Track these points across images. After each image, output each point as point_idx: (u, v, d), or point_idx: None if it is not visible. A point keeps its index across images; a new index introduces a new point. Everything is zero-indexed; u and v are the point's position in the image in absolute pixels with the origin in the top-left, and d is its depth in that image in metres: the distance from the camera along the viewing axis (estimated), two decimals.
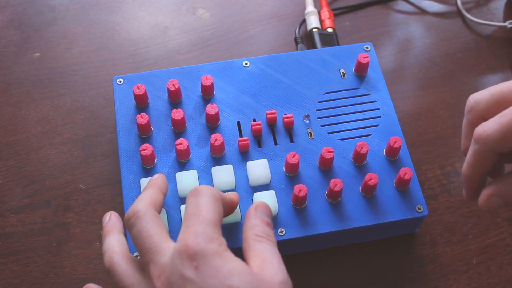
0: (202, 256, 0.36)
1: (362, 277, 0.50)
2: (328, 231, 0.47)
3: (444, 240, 0.52)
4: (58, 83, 0.60)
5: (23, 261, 0.51)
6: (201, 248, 0.36)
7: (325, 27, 0.62)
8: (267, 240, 0.40)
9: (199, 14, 0.65)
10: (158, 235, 0.38)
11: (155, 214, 0.40)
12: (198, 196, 0.39)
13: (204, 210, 0.38)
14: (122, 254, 0.41)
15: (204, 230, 0.37)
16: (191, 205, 0.39)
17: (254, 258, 0.38)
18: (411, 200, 0.49)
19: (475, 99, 0.40)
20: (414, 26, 0.65)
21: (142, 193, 0.43)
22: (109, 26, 0.64)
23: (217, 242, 0.37)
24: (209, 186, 0.41)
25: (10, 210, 0.53)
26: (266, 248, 0.39)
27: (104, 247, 0.42)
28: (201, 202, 0.39)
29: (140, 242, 0.39)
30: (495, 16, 0.65)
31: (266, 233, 0.40)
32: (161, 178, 0.45)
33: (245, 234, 0.40)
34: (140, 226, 0.39)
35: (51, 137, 0.57)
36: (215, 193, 0.40)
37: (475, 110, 0.40)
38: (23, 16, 0.65)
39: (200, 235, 0.37)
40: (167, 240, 0.38)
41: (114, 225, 0.44)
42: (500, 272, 0.50)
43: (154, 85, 0.54)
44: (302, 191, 0.47)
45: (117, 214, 0.45)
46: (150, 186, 0.43)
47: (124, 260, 0.40)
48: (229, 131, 0.52)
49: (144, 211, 0.40)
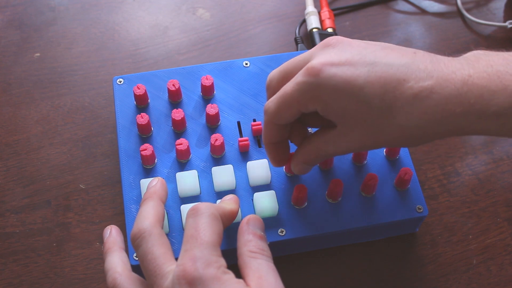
0: (200, 281, 0.36)
1: (362, 277, 0.50)
2: (328, 231, 0.47)
3: (444, 240, 0.52)
4: (58, 83, 0.60)
5: (23, 261, 0.51)
6: (199, 274, 0.36)
7: (325, 27, 0.62)
8: (261, 255, 0.40)
9: (199, 14, 0.65)
10: (162, 257, 0.39)
11: (160, 233, 0.40)
12: (197, 216, 0.40)
13: (202, 232, 0.38)
14: (126, 275, 0.41)
15: (202, 254, 0.37)
16: (189, 226, 0.39)
17: (251, 276, 0.38)
18: (411, 200, 0.49)
19: (270, 77, 0.44)
20: (414, 26, 0.65)
21: (144, 205, 0.42)
22: (109, 26, 0.64)
23: (215, 265, 0.37)
24: (208, 204, 0.41)
25: (10, 210, 0.53)
26: (261, 264, 0.39)
27: (106, 266, 0.42)
28: (200, 223, 0.39)
29: (145, 264, 0.39)
30: (495, 16, 0.65)
31: (260, 248, 0.40)
32: (159, 185, 0.45)
33: (240, 251, 0.40)
34: (145, 247, 0.39)
35: (51, 137, 0.57)
36: (214, 212, 0.40)
37: (270, 87, 0.44)
38: (23, 16, 0.65)
39: (198, 260, 0.37)
40: (171, 263, 0.38)
41: (114, 241, 0.44)
42: (500, 272, 0.50)
43: (154, 85, 0.54)
44: (302, 191, 0.47)
45: (117, 228, 0.45)
46: (150, 198, 0.43)
47: (128, 281, 0.40)
48: (229, 131, 0.52)
49: (149, 231, 0.40)
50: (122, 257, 0.43)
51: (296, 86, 0.40)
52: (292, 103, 0.41)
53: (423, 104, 0.36)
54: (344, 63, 0.39)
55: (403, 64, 0.37)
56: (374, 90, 0.37)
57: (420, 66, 0.37)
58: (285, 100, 0.41)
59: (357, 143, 0.40)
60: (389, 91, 0.37)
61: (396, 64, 0.38)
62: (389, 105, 0.37)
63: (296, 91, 0.40)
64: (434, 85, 0.36)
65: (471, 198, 0.54)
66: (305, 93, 0.40)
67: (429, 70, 0.37)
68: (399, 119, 0.37)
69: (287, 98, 0.41)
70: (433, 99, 0.36)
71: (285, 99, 0.41)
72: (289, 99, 0.41)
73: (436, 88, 0.36)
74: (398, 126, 0.38)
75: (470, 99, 0.35)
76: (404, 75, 0.37)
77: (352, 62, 0.39)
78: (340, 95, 0.38)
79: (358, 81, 0.38)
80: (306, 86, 0.39)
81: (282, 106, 0.41)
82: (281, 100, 0.41)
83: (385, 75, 0.37)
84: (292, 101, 0.41)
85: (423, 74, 0.37)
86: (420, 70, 0.37)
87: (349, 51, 0.40)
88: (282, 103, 0.41)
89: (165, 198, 0.44)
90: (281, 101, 0.41)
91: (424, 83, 0.36)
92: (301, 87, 0.40)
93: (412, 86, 0.37)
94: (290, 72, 0.42)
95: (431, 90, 0.36)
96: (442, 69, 0.37)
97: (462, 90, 0.36)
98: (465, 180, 0.55)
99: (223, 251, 0.39)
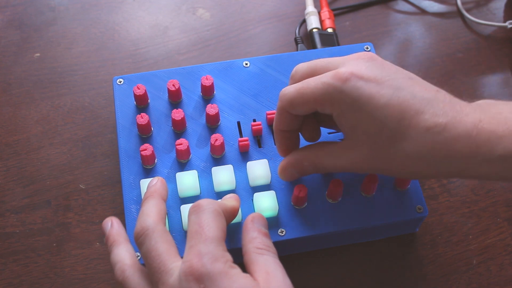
0: (208, 277, 0.36)
1: (362, 277, 0.50)
2: (328, 231, 0.47)
3: (444, 240, 0.52)
4: (58, 83, 0.60)
5: (23, 261, 0.51)
6: (207, 269, 0.36)
7: (325, 27, 0.62)
8: (268, 251, 0.40)
9: (199, 14, 0.65)
10: (166, 253, 0.39)
11: (163, 230, 0.40)
12: (199, 212, 0.40)
13: (206, 227, 0.39)
14: (134, 267, 0.41)
15: (208, 250, 0.37)
16: (192, 222, 0.39)
17: (258, 272, 0.38)
18: (411, 200, 0.49)
19: (296, 68, 0.45)
20: (414, 26, 0.65)
21: (146, 204, 0.43)
22: (109, 26, 0.64)
23: (222, 260, 0.37)
24: (210, 200, 0.41)
25: (10, 210, 0.53)
26: (268, 260, 0.39)
27: (113, 259, 0.42)
28: (203, 219, 0.39)
29: (149, 261, 0.39)
30: (495, 16, 0.65)
31: (266, 244, 0.40)
32: (160, 184, 0.45)
33: (246, 248, 0.40)
34: (149, 244, 0.39)
35: (51, 137, 0.57)
36: (217, 208, 0.40)
37: (293, 78, 0.45)
38: (23, 16, 0.65)
39: (204, 255, 0.37)
40: (175, 259, 0.38)
41: (118, 233, 0.44)
42: (500, 272, 0.50)
43: (154, 85, 0.54)
44: (302, 191, 0.47)
45: (118, 220, 0.45)
46: (151, 196, 0.43)
47: (137, 274, 0.40)
48: (229, 131, 0.52)
49: (152, 228, 0.40)
50: (129, 249, 0.42)
51: (320, 84, 0.41)
52: (309, 98, 0.41)
53: (433, 138, 0.38)
54: (373, 79, 0.40)
55: (425, 98, 0.39)
56: (393, 113, 0.39)
57: (439, 103, 0.39)
58: (304, 92, 0.42)
59: (358, 160, 0.41)
60: (406, 118, 0.39)
61: (419, 96, 0.39)
62: (402, 131, 0.39)
63: (318, 89, 0.41)
64: (447, 123, 0.38)
65: (471, 198, 0.54)
66: (326, 94, 0.41)
67: (446, 109, 0.39)
68: (407, 147, 0.39)
69: (307, 92, 0.41)
70: (443, 136, 0.38)
71: (305, 92, 0.42)
72: (308, 94, 0.41)
73: (449, 126, 0.38)
74: (405, 154, 0.39)
75: (478, 142, 0.37)
76: (423, 108, 0.39)
77: (379, 81, 0.40)
78: (359, 108, 0.40)
79: (380, 100, 0.39)
80: (330, 88, 0.40)
81: (299, 98, 0.42)
82: (300, 91, 0.42)
83: (406, 103, 0.39)
84: (310, 97, 0.41)
85: (440, 111, 0.39)
86: (439, 107, 0.39)
87: (380, 70, 0.41)
88: (300, 94, 0.42)
89: (166, 197, 0.44)
90: (300, 92, 0.42)
91: (439, 120, 0.38)
92: (324, 87, 0.41)
93: (427, 119, 0.38)
94: (317, 69, 0.43)
95: (444, 128, 0.38)
96: (457, 110, 0.39)
97: (472, 133, 0.37)
98: (465, 180, 0.55)
99: (230, 250, 0.39)
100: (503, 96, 0.60)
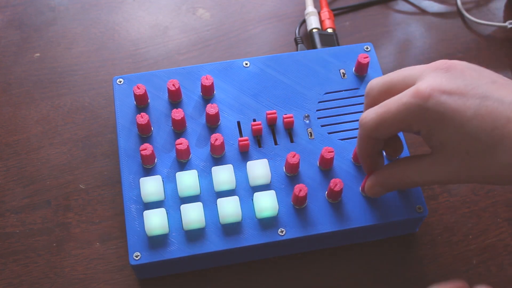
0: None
1: (362, 277, 0.50)
2: (328, 231, 0.47)
3: (444, 240, 0.52)
4: (58, 83, 0.60)
5: (23, 261, 0.51)
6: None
7: (325, 27, 0.62)
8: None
9: (199, 14, 0.65)
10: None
11: None
12: None
13: None
14: None
15: None
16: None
17: None
18: (411, 200, 0.49)
19: (371, 85, 0.43)
20: (414, 26, 0.65)
21: None
22: (109, 26, 0.64)
23: None
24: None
25: (10, 210, 0.53)
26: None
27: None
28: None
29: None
30: (495, 16, 0.65)
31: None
32: None
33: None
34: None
35: (51, 137, 0.57)
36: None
37: (369, 96, 0.43)
38: (23, 16, 0.65)
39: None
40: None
41: None
42: (500, 272, 0.50)
43: (154, 85, 0.54)
44: (302, 191, 0.47)
45: None
46: None
47: None
48: (229, 131, 0.52)
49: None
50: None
51: (402, 106, 0.39)
52: (394, 122, 0.40)
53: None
54: (455, 92, 0.38)
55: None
56: (483, 124, 0.37)
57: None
58: (387, 117, 0.40)
59: (450, 175, 0.40)
60: (498, 127, 0.37)
61: (507, 101, 0.37)
62: (495, 142, 0.37)
63: (401, 112, 0.39)
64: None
65: (471, 198, 0.54)
66: (410, 115, 0.39)
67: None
68: (502, 157, 0.37)
69: (390, 116, 0.40)
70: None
71: (387, 116, 0.40)
72: (391, 118, 0.40)
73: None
74: (500, 164, 0.37)
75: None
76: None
77: (463, 92, 0.38)
78: (447, 124, 0.38)
79: (467, 113, 0.37)
80: (413, 108, 0.39)
81: (383, 123, 0.41)
82: (383, 116, 0.40)
83: (495, 111, 0.37)
84: (395, 121, 0.40)
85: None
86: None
87: (461, 79, 0.39)
88: (384, 120, 0.40)
89: None
90: (383, 117, 0.40)
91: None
92: (407, 108, 0.39)
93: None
94: (394, 85, 0.42)
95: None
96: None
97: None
98: None
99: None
100: None
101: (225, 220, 0.47)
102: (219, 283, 0.49)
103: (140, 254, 0.46)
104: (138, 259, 0.46)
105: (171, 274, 0.49)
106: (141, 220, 0.47)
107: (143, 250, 0.46)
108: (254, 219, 0.48)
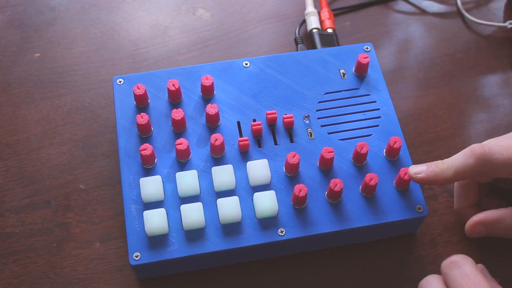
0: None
1: (362, 277, 0.50)
2: (328, 231, 0.47)
3: (444, 240, 0.52)
4: (58, 83, 0.60)
5: (23, 261, 0.51)
6: None
7: (325, 27, 0.62)
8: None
9: (199, 14, 0.65)
10: None
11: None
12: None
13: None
14: None
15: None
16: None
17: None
18: (411, 200, 0.49)
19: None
20: (414, 26, 0.65)
21: None
22: (109, 26, 0.64)
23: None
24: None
25: (10, 210, 0.53)
26: None
27: None
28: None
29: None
30: (495, 16, 0.65)
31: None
32: None
33: None
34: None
35: (51, 137, 0.57)
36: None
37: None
38: (23, 16, 0.65)
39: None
40: None
41: None
42: (500, 272, 0.50)
43: (154, 85, 0.54)
44: (302, 191, 0.47)
45: None
46: None
47: None
48: (229, 131, 0.52)
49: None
50: None
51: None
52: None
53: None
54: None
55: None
56: None
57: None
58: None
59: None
60: None
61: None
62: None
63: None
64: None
65: None
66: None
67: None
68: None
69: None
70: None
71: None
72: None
73: None
74: None
75: None
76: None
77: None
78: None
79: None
80: None
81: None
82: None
83: None
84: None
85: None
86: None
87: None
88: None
89: None
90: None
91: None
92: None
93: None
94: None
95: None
96: None
97: None
98: None
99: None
100: (503, 96, 0.60)
101: (225, 220, 0.47)
102: (219, 283, 0.49)
103: (140, 254, 0.46)
104: (138, 259, 0.46)
105: (171, 274, 0.49)
106: (141, 220, 0.47)
107: (143, 250, 0.46)
108: (254, 219, 0.48)
